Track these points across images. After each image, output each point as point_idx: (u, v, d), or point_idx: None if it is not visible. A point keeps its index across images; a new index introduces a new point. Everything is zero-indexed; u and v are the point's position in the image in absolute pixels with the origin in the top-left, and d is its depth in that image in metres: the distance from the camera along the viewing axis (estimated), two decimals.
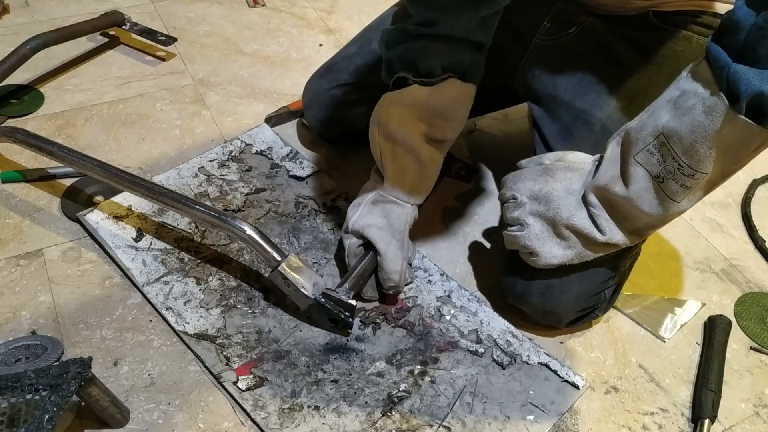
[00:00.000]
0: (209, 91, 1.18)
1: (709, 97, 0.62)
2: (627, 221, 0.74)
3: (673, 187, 0.67)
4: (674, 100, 0.66)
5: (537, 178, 0.80)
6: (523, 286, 0.83)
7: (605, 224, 0.74)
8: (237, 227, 0.80)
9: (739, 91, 0.59)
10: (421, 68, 0.81)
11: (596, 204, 0.75)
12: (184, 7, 1.39)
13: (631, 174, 0.70)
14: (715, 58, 0.61)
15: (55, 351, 0.74)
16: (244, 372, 0.77)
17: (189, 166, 1.01)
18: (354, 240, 0.86)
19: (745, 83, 0.58)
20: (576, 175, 0.78)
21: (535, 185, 0.79)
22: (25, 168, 0.98)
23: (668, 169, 0.67)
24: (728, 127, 0.61)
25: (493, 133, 1.21)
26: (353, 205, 0.87)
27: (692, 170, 0.65)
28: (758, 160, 0.68)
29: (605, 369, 0.86)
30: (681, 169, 0.66)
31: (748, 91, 0.58)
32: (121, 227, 0.90)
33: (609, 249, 0.77)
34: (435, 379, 0.80)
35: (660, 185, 0.68)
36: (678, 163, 0.66)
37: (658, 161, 0.67)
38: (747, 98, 0.59)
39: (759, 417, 0.84)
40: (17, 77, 1.10)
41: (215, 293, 0.85)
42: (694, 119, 0.63)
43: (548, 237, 0.78)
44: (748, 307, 0.97)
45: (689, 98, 0.64)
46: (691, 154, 0.64)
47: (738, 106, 0.60)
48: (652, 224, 0.73)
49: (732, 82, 0.59)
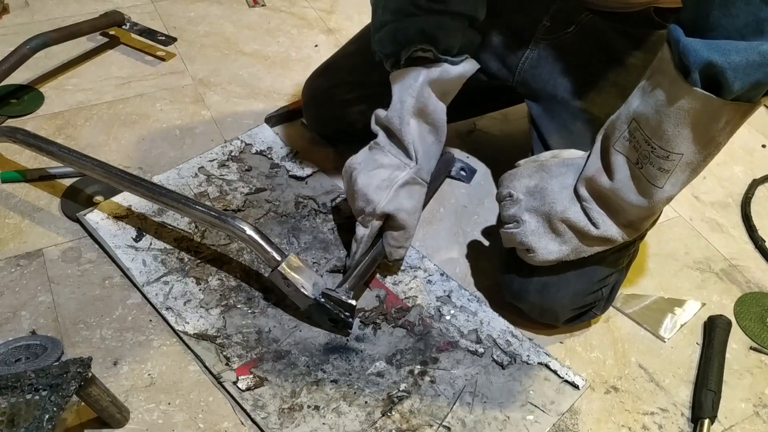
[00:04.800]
0: (209, 91, 1.18)
1: (669, 74, 0.63)
2: (618, 214, 0.74)
3: (651, 171, 0.68)
4: (642, 86, 0.67)
5: (532, 174, 0.80)
6: (520, 284, 0.84)
7: (598, 217, 0.75)
8: (237, 227, 0.80)
9: (689, 63, 0.60)
10: (441, 44, 0.81)
11: (586, 197, 0.75)
12: (184, 7, 1.39)
13: (612, 163, 0.71)
14: (671, 36, 0.62)
15: (55, 351, 0.74)
16: (244, 372, 0.77)
17: (189, 166, 1.01)
18: (377, 223, 0.84)
19: (694, 55, 0.59)
20: (570, 170, 0.78)
21: (530, 182, 0.80)
22: (25, 168, 0.98)
23: (643, 154, 0.68)
24: (687, 101, 0.62)
25: (493, 133, 1.21)
26: (377, 187, 0.83)
27: (665, 151, 0.65)
28: (758, 160, 0.68)
29: (605, 369, 0.86)
30: (654, 152, 0.66)
31: (697, 63, 0.59)
32: (121, 227, 0.90)
33: (605, 244, 0.77)
34: (435, 379, 0.80)
35: (640, 171, 0.69)
36: (651, 145, 0.66)
37: (635, 147, 0.68)
38: (697, 69, 0.59)
39: (759, 417, 0.84)
40: (17, 77, 1.10)
41: (215, 293, 0.85)
42: (657, 99, 0.64)
43: (544, 233, 0.78)
44: (748, 307, 0.97)
45: (655, 80, 0.65)
46: (659, 135, 0.65)
47: (691, 79, 0.60)
48: (642, 215, 0.74)
49: (683, 55, 0.60)
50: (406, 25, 0.81)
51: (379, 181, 0.83)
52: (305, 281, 0.79)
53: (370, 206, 0.82)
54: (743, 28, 0.56)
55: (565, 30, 0.91)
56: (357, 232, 0.85)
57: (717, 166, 1.21)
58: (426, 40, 0.81)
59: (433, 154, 0.88)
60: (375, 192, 0.82)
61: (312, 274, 0.81)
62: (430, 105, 0.84)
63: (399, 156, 0.86)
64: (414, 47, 0.81)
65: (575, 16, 0.90)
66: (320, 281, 0.81)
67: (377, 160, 0.85)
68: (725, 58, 0.57)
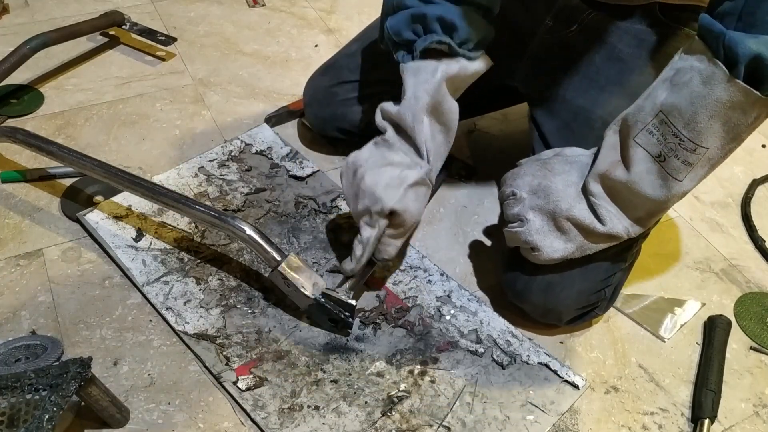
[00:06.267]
0: (209, 91, 1.18)
1: (706, 67, 0.63)
2: (629, 209, 0.74)
3: (674, 164, 0.68)
4: (670, 78, 0.67)
5: (535, 173, 0.80)
6: (524, 283, 0.83)
7: (606, 214, 0.74)
8: (237, 227, 0.80)
9: (737, 55, 0.60)
10: (461, 35, 0.78)
11: (598, 193, 0.75)
12: (184, 7, 1.39)
13: (631, 156, 0.71)
14: (709, 29, 0.63)
15: (55, 351, 0.74)
16: (244, 372, 0.77)
17: (189, 166, 1.01)
18: (384, 222, 0.79)
19: (743, 47, 0.59)
20: (574, 167, 0.78)
21: (533, 180, 0.79)
22: (25, 168, 0.98)
23: (669, 146, 0.67)
24: (727, 93, 0.62)
25: (493, 133, 1.21)
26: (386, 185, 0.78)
27: (693, 144, 0.66)
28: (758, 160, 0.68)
29: (605, 369, 0.86)
30: (682, 144, 0.66)
31: (745, 55, 0.59)
32: (120, 227, 0.90)
33: (610, 240, 0.77)
34: (435, 379, 0.80)
35: (661, 164, 0.69)
36: (679, 138, 0.66)
37: (659, 140, 0.68)
38: (745, 61, 0.60)
39: (759, 417, 0.84)
40: (17, 77, 1.10)
41: (215, 293, 0.85)
42: (692, 91, 0.64)
43: (549, 231, 0.78)
44: (748, 307, 0.97)
45: (685, 73, 0.65)
46: (692, 127, 0.65)
47: (736, 71, 0.61)
48: (654, 209, 0.73)
49: (729, 48, 0.61)
50: (424, 12, 0.77)
51: (389, 179, 0.78)
52: (305, 281, 0.79)
53: (377, 205, 0.77)
54: None
55: (567, 29, 0.90)
56: (362, 233, 0.80)
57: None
58: (445, 30, 0.77)
59: (441, 154, 0.84)
60: (384, 190, 0.77)
61: (312, 274, 0.81)
62: (445, 104, 0.80)
63: (409, 154, 0.81)
64: (431, 37, 0.77)
65: (578, 15, 0.89)
66: (320, 281, 0.81)
67: (386, 158, 0.80)
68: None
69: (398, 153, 0.81)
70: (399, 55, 0.82)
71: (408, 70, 0.80)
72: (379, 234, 0.80)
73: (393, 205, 0.77)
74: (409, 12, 0.79)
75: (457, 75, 0.80)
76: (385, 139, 0.82)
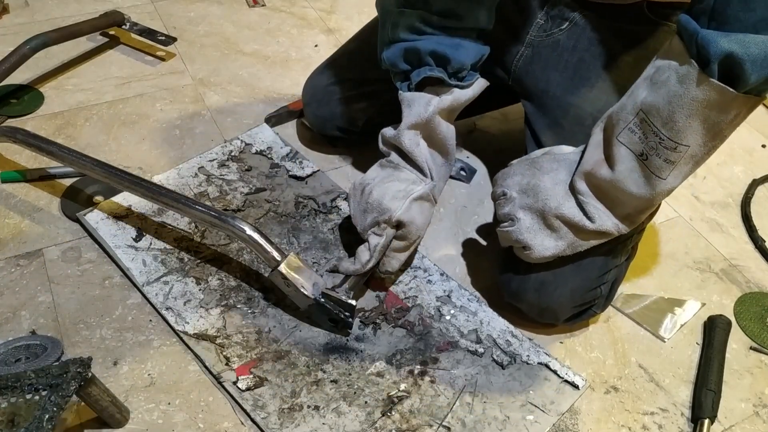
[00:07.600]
0: (209, 91, 1.18)
1: (682, 66, 0.63)
2: (616, 207, 0.75)
3: (656, 162, 0.68)
4: (650, 77, 0.68)
5: (525, 172, 0.80)
6: (518, 283, 0.84)
7: (594, 211, 0.75)
8: (237, 227, 0.80)
9: (709, 54, 0.60)
10: (453, 65, 0.81)
11: (584, 191, 0.75)
12: (184, 7, 1.39)
13: (615, 155, 0.71)
14: (684, 27, 0.63)
15: (55, 351, 0.74)
16: (243, 372, 0.77)
17: (189, 166, 1.01)
18: (391, 231, 0.81)
19: (714, 46, 0.59)
20: (562, 165, 0.78)
21: (523, 179, 0.80)
22: (25, 168, 0.98)
23: (650, 145, 0.68)
24: (702, 92, 0.62)
25: (493, 133, 1.21)
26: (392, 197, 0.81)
27: (673, 143, 0.66)
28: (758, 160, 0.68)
29: (605, 369, 0.86)
30: (662, 143, 0.66)
31: (717, 54, 0.60)
32: (120, 227, 0.90)
33: (601, 237, 0.77)
34: (435, 379, 0.80)
35: (644, 163, 0.69)
36: (659, 137, 0.66)
37: (640, 138, 0.68)
38: (717, 60, 0.60)
39: (759, 417, 0.84)
40: (17, 77, 1.10)
41: (215, 293, 0.85)
42: (669, 90, 0.64)
43: (539, 229, 0.78)
44: (748, 307, 0.97)
45: (664, 72, 0.66)
46: (670, 126, 0.65)
47: (709, 70, 0.61)
48: (641, 207, 0.74)
49: (701, 47, 0.61)
50: (417, 46, 0.80)
51: (395, 191, 0.82)
52: (305, 281, 0.79)
53: (385, 215, 0.80)
54: (758, 22, 0.58)
55: (558, 27, 0.92)
56: (370, 241, 0.81)
57: (717, 166, 1.21)
58: (438, 63, 0.81)
59: (442, 175, 0.89)
60: (390, 201, 0.80)
61: (312, 274, 0.81)
62: (439, 132, 0.84)
63: (414, 172, 0.85)
64: (425, 72, 0.81)
65: (569, 13, 0.91)
66: (320, 281, 0.81)
67: (393, 175, 0.84)
68: (745, 50, 0.58)
69: (404, 171, 0.85)
70: (397, 83, 0.86)
71: (404, 101, 0.84)
72: (387, 243, 0.82)
73: (400, 216, 0.80)
74: (403, 46, 0.82)
75: (450, 105, 0.84)
76: (390, 161, 0.86)
